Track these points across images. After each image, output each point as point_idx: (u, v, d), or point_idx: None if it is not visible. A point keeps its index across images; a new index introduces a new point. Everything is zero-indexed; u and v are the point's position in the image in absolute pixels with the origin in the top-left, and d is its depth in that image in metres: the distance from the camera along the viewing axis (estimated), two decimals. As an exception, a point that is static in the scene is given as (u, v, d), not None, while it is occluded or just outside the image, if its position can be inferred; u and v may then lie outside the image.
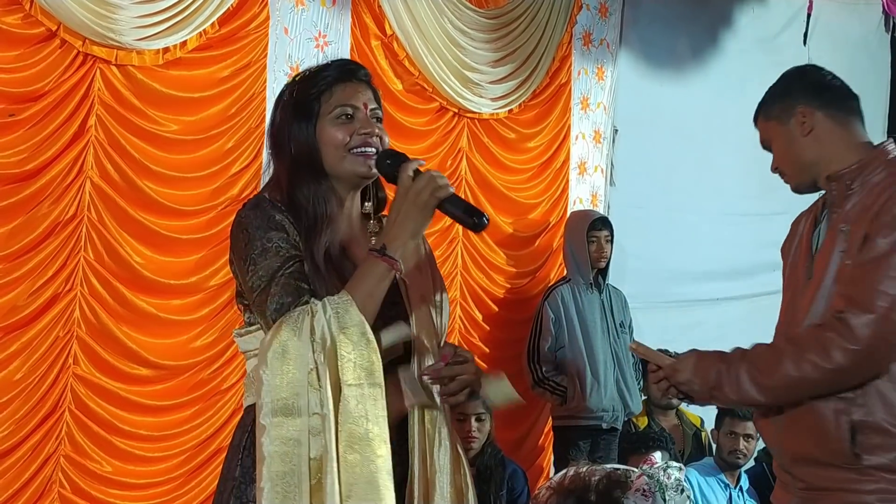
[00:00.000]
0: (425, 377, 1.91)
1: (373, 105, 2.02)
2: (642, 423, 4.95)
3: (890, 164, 2.18)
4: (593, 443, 4.59)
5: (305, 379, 1.79)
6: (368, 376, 1.81)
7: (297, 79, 2.07)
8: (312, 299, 1.84)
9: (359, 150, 1.97)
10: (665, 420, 5.00)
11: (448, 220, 4.78)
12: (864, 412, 2.07)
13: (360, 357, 1.81)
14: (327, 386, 1.79)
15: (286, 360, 1.80)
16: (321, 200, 1.95)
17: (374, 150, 1.97)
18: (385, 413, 1.81)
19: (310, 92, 2.00)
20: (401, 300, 1.98)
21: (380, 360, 1.83)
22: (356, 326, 1.82)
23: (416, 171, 1.89)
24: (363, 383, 1.80)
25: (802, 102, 2.26)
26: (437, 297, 2.06)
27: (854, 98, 2.31)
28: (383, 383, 1.82)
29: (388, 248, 1.86)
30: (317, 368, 1.79)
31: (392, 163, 1.94)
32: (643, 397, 4.94)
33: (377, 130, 1.99)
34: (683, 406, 5.12)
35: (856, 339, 2.02)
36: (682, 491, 3.03)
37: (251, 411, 1.89)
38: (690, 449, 4.95)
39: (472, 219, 1.89)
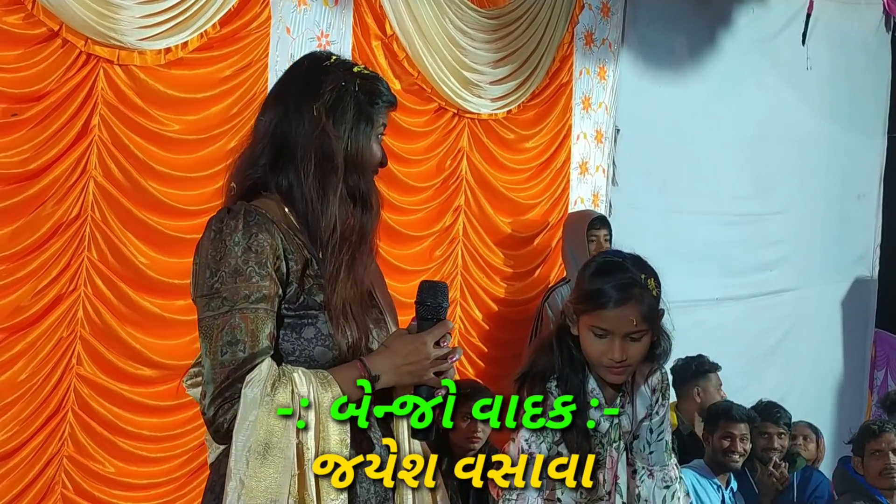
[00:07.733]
0: None
1: None
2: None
3: None
4: (597, 443, 4.57)
5: (287, 484, 1.68)
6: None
7: (354, 70, 1.90)
8: (280, 366, 1.74)
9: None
10: None
11: (448, 221, 4.81)
12: None
13: (339, 443, 1.73)
14: (312, 488, 1.70)
15: (266, 462, 1.68)
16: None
17: None
18: None
19: (375, 100, 1.89)
20: (376, 304, 1.96)
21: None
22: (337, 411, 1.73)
23: (439, 341, 1.79)
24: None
25: None
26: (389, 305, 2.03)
27: None
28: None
29: (372, 368, 1.78)
30: (304, 473, 1.69)
31: (433, 302, 1.81)
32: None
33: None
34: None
35: None
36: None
37: (219, 469, 1.79)
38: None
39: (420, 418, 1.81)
